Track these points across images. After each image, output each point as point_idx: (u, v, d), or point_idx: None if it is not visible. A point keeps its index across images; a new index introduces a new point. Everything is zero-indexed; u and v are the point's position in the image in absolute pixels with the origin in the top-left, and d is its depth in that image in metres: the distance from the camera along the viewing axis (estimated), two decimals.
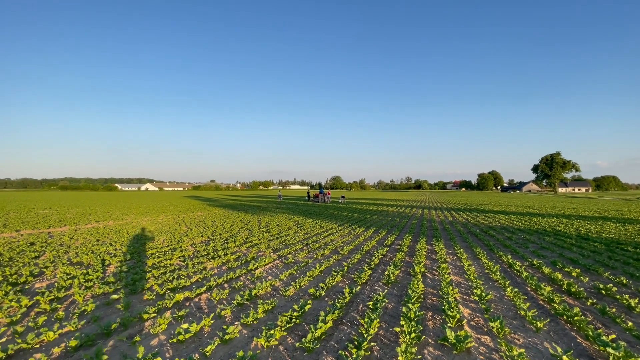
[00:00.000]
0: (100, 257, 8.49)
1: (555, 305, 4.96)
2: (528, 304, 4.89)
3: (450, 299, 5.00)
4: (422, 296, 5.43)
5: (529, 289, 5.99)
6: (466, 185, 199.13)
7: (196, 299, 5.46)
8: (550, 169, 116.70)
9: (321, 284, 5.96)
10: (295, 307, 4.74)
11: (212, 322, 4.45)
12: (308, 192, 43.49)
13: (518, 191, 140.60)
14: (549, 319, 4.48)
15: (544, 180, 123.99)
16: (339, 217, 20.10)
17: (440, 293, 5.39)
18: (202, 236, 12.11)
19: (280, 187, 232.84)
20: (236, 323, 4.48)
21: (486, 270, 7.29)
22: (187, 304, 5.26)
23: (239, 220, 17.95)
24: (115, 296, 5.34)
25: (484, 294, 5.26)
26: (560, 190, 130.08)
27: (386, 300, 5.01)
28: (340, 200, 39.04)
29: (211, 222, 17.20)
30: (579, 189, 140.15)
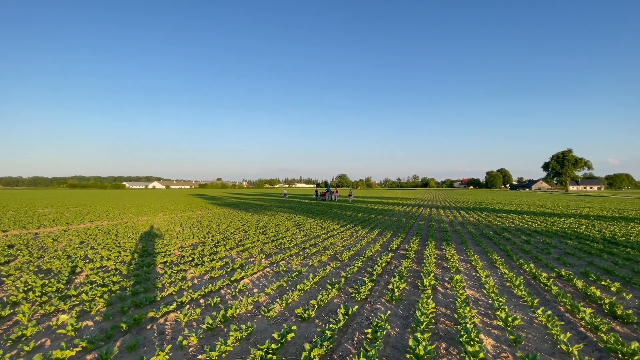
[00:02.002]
0: (73, 262, 7.69)
1: (602, 335, 3.95)
2: (569, 334, 3.88)
3: (468, 325, 4.02)
4: (433, 319, 4.46)
5: (562, 309, 4.97)
6: (474, 183, 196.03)
7: (161, 320, 4.58)
8: (561, 166, 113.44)
9: (312, 301, 5.02)
10: (275, 335, 3.82)
11: (168, 356, 3.55)
12: (316, 191, 42.93)
13: (528, 189, 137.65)
14: None
15: (555, 179, 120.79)
16: (342, 216, 19.13)
17: (456, 315, 4.41)
18: (193, 238, 11.28)
19: (286, 186, 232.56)
20: (199, 358, 3.58)
21: (507, 283, 6.27)
22: (149, 327, 4.38)
23: (238, 220, 17.13)
24: (64, 317, 4.49)
25: (509, 318, 4.26)
26: (572, 188, 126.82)
27: (388, 327, 4.06)
28: (348, 199, 38.35)
29: (208, 222, 16.41)
30: (590, 187, 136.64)
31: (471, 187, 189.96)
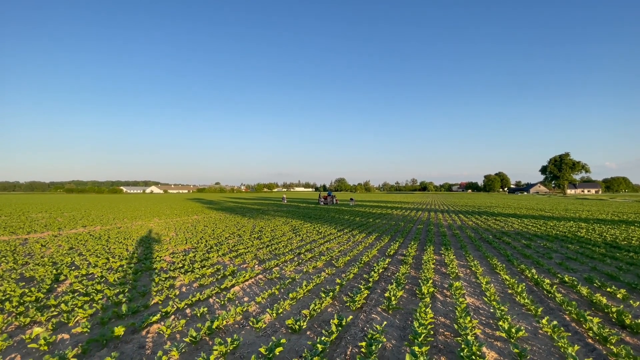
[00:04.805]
0: (58, 270, 7.39)
1: (612, 347, 3.70)
2: (577, 346, 3.64)
3: (469, 337, 3.77)
4: (431, 331, 4.20)
5: (567, 318, 4.72)
6: (472, 187, 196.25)
7: (143, 332, 4.30)
8: (559, 170, 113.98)
9: (304, 311, 4.76)
10: (262, 349, 3.56)
11: None
12: (320, 195, 43.11)
13: (526, 193, 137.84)
14: None
15: (553, 182, 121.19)
16: (339, 221, 18.87)
17: (456, 326, 4.16)
18: (186, 243, 10.99)
19: (285, 190, 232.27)
20: None
21: (509, 290, 6.02)
22: (129, 340, 4.10)
23: (233, 224, 16.85)
24: (38, 329, 4.21)
25: (513, 329, 4.01)
26: (569, 191, 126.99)
27: (384, 339, 3.80)
28: (350, 203, 38.66)
29: (203, 226, 16.12)
30: (588, 191, 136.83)
31: (469, 190, 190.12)
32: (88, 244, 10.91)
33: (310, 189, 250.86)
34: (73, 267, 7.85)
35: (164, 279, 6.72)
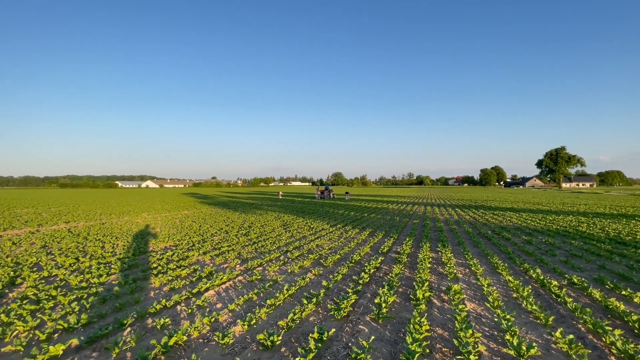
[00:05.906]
0: (17, 272, 6.70)
1: None
2: None
3: (472, 356, 3.17)
4: (427, 347, 3.59)
5: (583, 328, 4.13)
6: (468, 180, 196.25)
7: (87, 351, 3.65)
8: (555, 164, 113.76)
9: (281, 322, 4.13)
10: None
11: None
12: (317, 189, 42.46)
13: (521, 186, 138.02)
14: None
15: (548, 176, 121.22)
16: (333, 215, 18.26)
17: (456, 342, 3.55)
18: (168, 240, 10.32)
19: (281, 184, 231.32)
20: None
21: (513, 294, 5.43)
22: None
23: (223, 220, 16.17)
24: None
25: (523, 346, 3.41)
26: (565, 185, 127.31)
27: None
28: (346, 197, 38.35)
29: (191, 222, 15.45)
30: (583, 184, 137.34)
31: (465, 184, 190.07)
32: (63, 242, 10.20)
33: (307, 184, 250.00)
34: (36, 269, 7.15)
35: (131, 281, 6.06)
